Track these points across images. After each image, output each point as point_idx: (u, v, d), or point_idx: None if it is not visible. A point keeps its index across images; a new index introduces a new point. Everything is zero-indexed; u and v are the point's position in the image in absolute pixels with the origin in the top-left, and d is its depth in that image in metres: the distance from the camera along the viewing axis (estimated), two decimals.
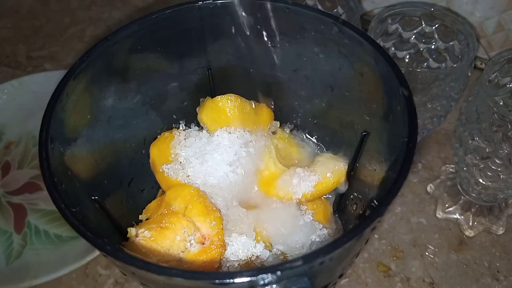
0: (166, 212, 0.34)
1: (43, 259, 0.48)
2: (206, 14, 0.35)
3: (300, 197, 0.35)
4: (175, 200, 0.34)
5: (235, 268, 0.33)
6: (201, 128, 0.40)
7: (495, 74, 0.41)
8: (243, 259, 0.33)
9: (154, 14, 0.34)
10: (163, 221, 0.32)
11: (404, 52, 0.50)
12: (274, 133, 0.41)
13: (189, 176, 0.36)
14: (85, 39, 0.73)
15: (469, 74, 0.43)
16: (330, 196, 0.40)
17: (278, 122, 0.41)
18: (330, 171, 0.36)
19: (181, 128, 0.41)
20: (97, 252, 0.46)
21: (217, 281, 0.21)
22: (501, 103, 0.42)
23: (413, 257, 0.47)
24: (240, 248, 0.33)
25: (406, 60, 0.51)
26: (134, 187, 0.39)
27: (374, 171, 0.32)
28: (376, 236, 0.49)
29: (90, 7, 0.79)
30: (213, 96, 0.39)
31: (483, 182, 0.44)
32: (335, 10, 0.52)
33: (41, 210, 0.53)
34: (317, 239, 0.35)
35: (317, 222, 0.37)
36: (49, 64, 0.70)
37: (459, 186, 0.49)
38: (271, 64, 0.39)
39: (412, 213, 0.51)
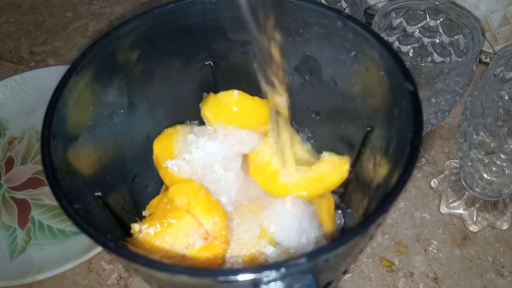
0: (169, 208, 0.34)
1: (47, 254, 0.48)
2: (209, 9, 0.35)
3: (304, 194, 0.35)
4: (179, 196, 0.34)
5: (239, 264, 0.33)
6: (204, 124, 0.40)
7: (500, 68, 0.41)
8: (247, 255, 0.33)
9: (157, 9, 0.34)
10: (167, 217, 0.32)
11: (408, 46, 0.50)
12: None
13: (192, 172, 0.36)
14: (87, 34, 0.73)
15: (474, 68, 0.43)
16: (333, 192, 0.40)
17: None
18: (334, 167, 0.36)
19: (184, 124, 0.40)
20: (101, 247, 0.46)
21: (221, 278, 0.21)
22: (506, 98, 0.42)
23: (416, 252, 0.47)
24: (244, 244, 0.33)
25: (410, 55, 0.50)
26: (137, 183, 0.39)
27: (379, 167, 0.32)
28: (379, 231, 0.49)
29: (92, 1, 0.79)
30: (216, 92, 0.39)
31: (488, 177, 0.44)
32: (339, 4, 0.52)
33: (44, 205, 0.53)
34: (321, 236, 0.35)
35: (320, 220, 0.37)
36: (52, 59, 0.70)
37: (463, 181, 0.49)
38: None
39: (416, 208, 0.50)
